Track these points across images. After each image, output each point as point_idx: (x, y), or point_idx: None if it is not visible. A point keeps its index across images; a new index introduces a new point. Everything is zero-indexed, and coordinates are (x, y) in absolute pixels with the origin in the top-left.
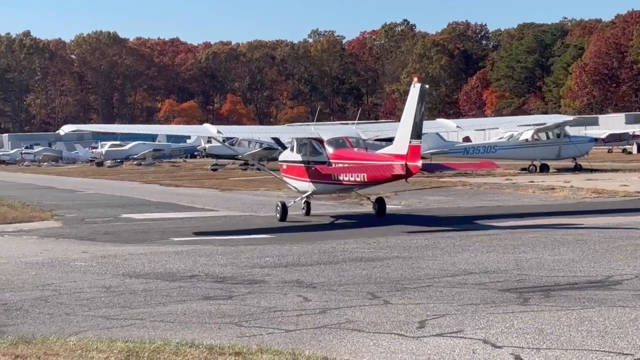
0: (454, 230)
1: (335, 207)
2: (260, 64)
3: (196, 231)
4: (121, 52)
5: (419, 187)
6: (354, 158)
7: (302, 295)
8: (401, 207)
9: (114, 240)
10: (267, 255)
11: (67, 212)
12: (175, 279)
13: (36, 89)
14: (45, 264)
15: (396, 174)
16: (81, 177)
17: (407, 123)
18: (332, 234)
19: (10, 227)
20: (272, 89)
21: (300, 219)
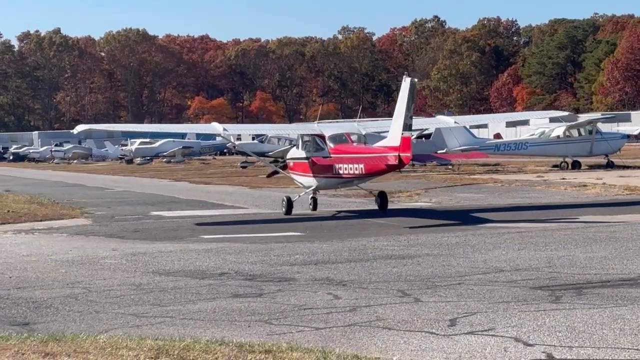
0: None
1: (365, 204)
2: (290, 60)
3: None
4: (150, 50)
5: (449, 184)
6: (353, 152)
7: (332, 292)
8: (432, 204)
9: (144, 237)
10: (296, 252)
11: (97, 209)
12: (205, 277)
13: (66, 87)
14: (75, 262)
15: (390, 164)
16: (111, 175)
17: (399, 116)
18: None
19: (41, 224)
20: (301, 86)
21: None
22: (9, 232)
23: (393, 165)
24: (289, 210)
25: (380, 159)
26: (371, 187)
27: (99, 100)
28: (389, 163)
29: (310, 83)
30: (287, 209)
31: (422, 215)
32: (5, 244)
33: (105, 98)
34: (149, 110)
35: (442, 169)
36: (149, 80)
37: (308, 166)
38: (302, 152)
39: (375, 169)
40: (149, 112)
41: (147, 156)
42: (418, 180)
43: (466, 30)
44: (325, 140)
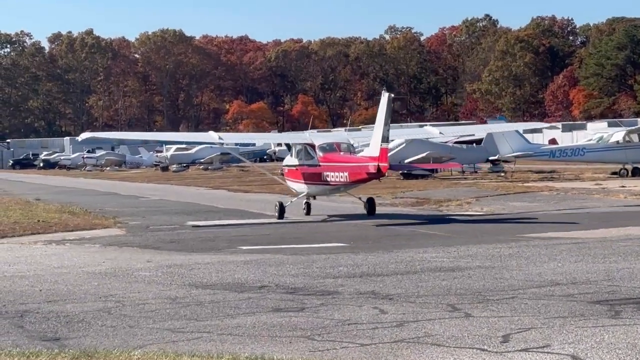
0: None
1: None
2: (333, 62)
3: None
4: (187, 51)
5: (502, 192)
6: (339, 160)
7: (378, 307)
8: (483, 213)
9: (180, 248)
10: (340, 264)
11: (131, 219)
12: (244, 290)
13: (98, 90)
14: (108, 274)
15: (370, 173)
16: (145, 183)
17: (379, 128)
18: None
19: (72, 234)
20: (345, 89)
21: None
22: (40, 243)
23: (373, 174)
24: (281, 215)
25: (362, 168)
26: (360, 194)
27: (133, 104)
28: (369, 172)
29: (355, 86)
30: (280, 214)
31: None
32: (36, 255)
33: (139, 102)
34: (185, 114)
35: (494, 176)
36: (185, 83)
37: (300, 173)
38: (294, 160)
39: (358, 177)
40: (185, 117)
41: (183, 163)
42: (468, 188)
43: (519, 30)
44: (315, 149)
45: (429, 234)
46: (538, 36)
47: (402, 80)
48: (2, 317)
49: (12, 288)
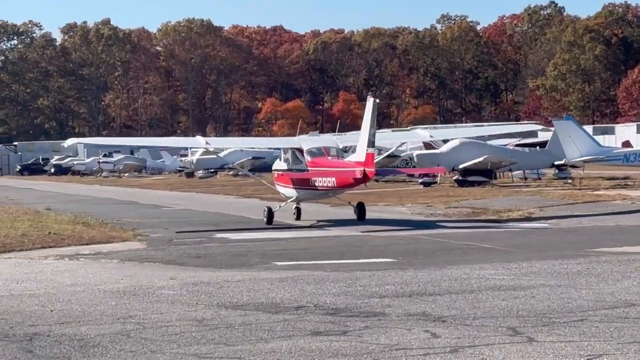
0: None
1: None
2: (379, 55)
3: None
4: (215, 43)
5: (569, 202)
6: (326, 165)
7: (429, 330)
8: (547, 225)
9: (207, 264)
10: (387, 282)
11: (152, 231)
12: (279, 311)
13: (116, 87)
14: (126, 293)
15: (356, 178)
16: (168, 191)
17: (364, 133)
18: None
19: (87, 248)
20: (392, 85)
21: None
22: (51, 258)
23: (359, 179)
24: (269, 220)
25: (349, 173)
26: (350, 198)
27: (154, 102)
28: (356, 177)
29: (403, 81)
30: (268, 219)
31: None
32: (47, 272)
33: (161, 100)
34: (213, 114)
35: (560, 183)
36: (213, 79)
37: (289, 178)
38: (283, 165)
39: (345, 182)
40: (213, 117)
41: (210, 168)
42: (531, 196)
43: (588, 19)
44: (303, 153)
45: (486, 248)
46: (610, 25)
47: (456, 75)
48: (9, 340)
49: (20, 308)
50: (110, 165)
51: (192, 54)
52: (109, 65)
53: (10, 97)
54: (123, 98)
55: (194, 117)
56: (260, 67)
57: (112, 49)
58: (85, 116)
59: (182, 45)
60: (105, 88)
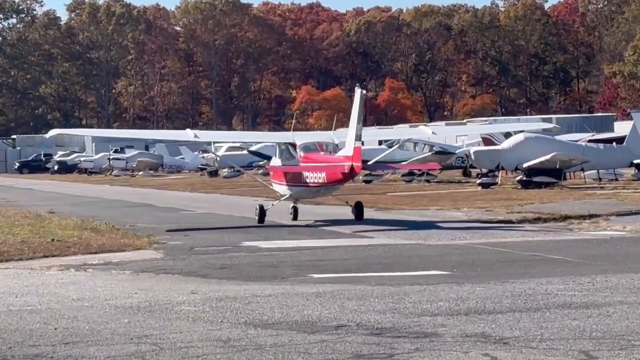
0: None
1: None
2: (431, 37)
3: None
4: (242, 23)
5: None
6: (317, 161)
7: (489, 354)
8: (625, 232)
9: (233, 276)
10: (440, 298)
11: (170, 238)
12: (316, 330)
13: (129, 73)
14: (141, 309)
15: (345, 173)
16: (188, 192)
17: (352, 127)
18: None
19: (95, 258)
20: (446, 71)
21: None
22: (54, 268)
23: (347, 174)
24: (261, 219)
25: (338, 168)
26: (348, 197)
27: (172, 90)
28: (344, 172)
29: (458, 67)
30: (260, 218)
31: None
32: (49, 284)
33: (181, 88)
34: (240, 104)
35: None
36: (240, 64)
37: (283, 174)
38: (278, 161)
39: (334, 178)
40: (240, 108)
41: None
42: (606, 200)
43: None
44: (297, 149)
45: (554, 259)
46: None
47: (520, 60)
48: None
49: (19, 326)
50: (122, 162)
51: (215, 35)
52: (121, 47)
53: (8, 83)
54: (137, 85)
55: (218, 108)
56: (295, 50)
57: (124, 29)
58: (93, 106)
59: (205, 25)
60: (116, 74)
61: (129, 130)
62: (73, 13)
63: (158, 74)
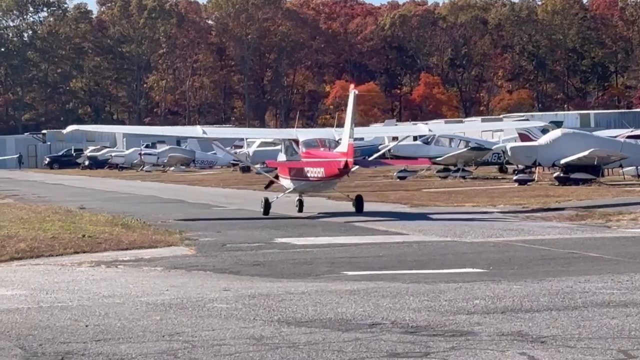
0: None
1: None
2: (467, 31)
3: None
4: (275, 16)
5: None
6: (317, 156)
7: (526, 352)
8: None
9: (266, 273)
10: (476, 296)
11: (202, 234)
12: (350, 328)
13: (160, 67)
14: (173, 306)
15: (340, 169)
16: (220, 188)
17: (347, 124)
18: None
19: (126, 254)
20: (482, 66)
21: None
22: (85, 265)
23: (342, 170)
24: (266, 212)
25: (334, 164)
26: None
27: (204, 85)
28: (340, 167)
29: (495, 62)
30: (265, 210)
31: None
32: (80, 281)
33: (213, 83)
34: (273, 99)
35: None
36: (273, 58)
37: (287, 169)
38: (283, 156)
39: (332, 172)
40: (273, 102)
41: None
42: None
43: None
44: (299, 145)
45: (592, 257)
46: None
47: (558, 55)
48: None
49: (50, 322)
50: (154, 157)
51: (248, 29)
52: (153, 41)
53: (39, 77)
54: (168, 80)
55: (250, 102)
56: (329, 44)
57: (156, 22)
58: (124, 100)
59: (237, 19)
60: (147, 68)
61: (137, 127)
62: (104, 6)
63: (190, 68)
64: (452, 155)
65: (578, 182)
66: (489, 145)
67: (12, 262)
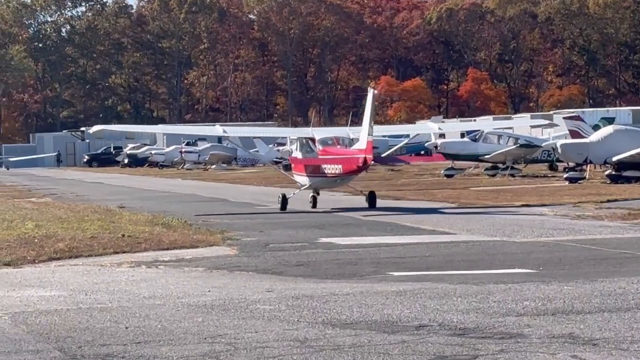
0: None
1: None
2: (516, 25)
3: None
4: (319, 11)
5: None
6: (335, 153)
7: (577, 355)
8: None
9: (310, 274)
10: (526, 297)
11: (244, 234)
12: (397, 331)
13: (201, 63)
14: (215, 307)
15: (359, 165)
16: (263, 186)
17: (365, 122)
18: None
19: (167, 254)
20: (531, 61)
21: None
22: (125, 265)
23: (361, 166)
24: (283, 207)
25: (353, 160)
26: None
27: (246, 81)
28: (358, 164)
29: (545, 56)
30: (282, 206)
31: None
32: (120, 281)
33: (255, 79)
34: (316, 95)
35: None
36: (317, 53)
37: (303, 166)
38: (298, 153)
39: (350, 169)
40: (316, 98)
41: None
42: None
43: None
44: (315, 143)
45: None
46: None
47: (610, 49)
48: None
49: (89, 324)
50: (195, 155)
51: (291, 24)
52: (193, 36)
53: (77, 74)
54: (209, 76)
55: (293, 99)
56: (373, 39)
57: (196, 17)
58: (164, 97)
59: (280, 13)
60: (188, 64)
61: (159, 126)
62: (143, 1)
63: (231, 63)
64: (501, 153)
65: (630, 180)
66: (539, 142)
67: (50, 262)
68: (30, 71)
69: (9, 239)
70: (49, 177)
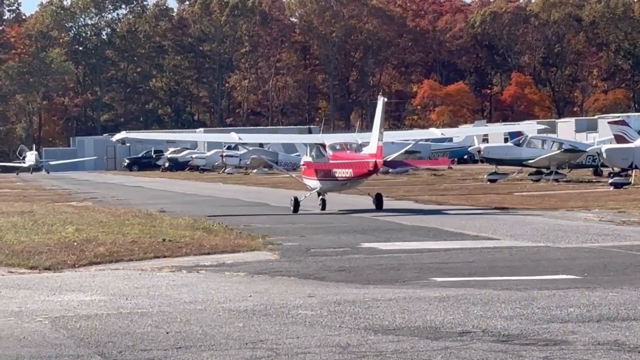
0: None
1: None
2: (560, 28)
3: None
4: (361, 14)
5: None
6: (345, 158)
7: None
8: None
9: (352, 279)
10: (570, 304)
11: (286, 238)
12: (440, 337)
13: (242, 66)
14: (256, 312)
15: (369, 169)
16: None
17: (376, 128)
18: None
19: (208, 259)
20: (576, 65)
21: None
22: (165, 270)
23: (371, 170)
24: (296, 209)
25: (364, 164)
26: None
27: (288, 84)
28: (369, 168)
29: (590, 60)
30: (294, 208)
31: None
32: (161, 286)
33: (297, 82)
34: (359, 98)
35: None
36: (359, 57)
37: (314, 170)
38: (309, 159)
39: (360, 172)
40: (358, 102)
41: None
42: None
43: None
44: (326, 148)
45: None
46: None
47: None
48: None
49: (130, 329)
50: (236, 159)
51: (333, 27)
52: (234, 40)
53: (118, 77)
54: (251, 79)
55: (335, 103)
56: (416, 42)
57: (238, 20)
58: (205, 101)
59: (322, 17)
60: (229, 67)
61: (181, 133)
62: (184, 4)
63: (273, 67)
64: (545, 158)
65: None
66: (583, 147)
67: (91, 266)
68: (71, 74)
69: (50, 243)
70: (88, 181)
